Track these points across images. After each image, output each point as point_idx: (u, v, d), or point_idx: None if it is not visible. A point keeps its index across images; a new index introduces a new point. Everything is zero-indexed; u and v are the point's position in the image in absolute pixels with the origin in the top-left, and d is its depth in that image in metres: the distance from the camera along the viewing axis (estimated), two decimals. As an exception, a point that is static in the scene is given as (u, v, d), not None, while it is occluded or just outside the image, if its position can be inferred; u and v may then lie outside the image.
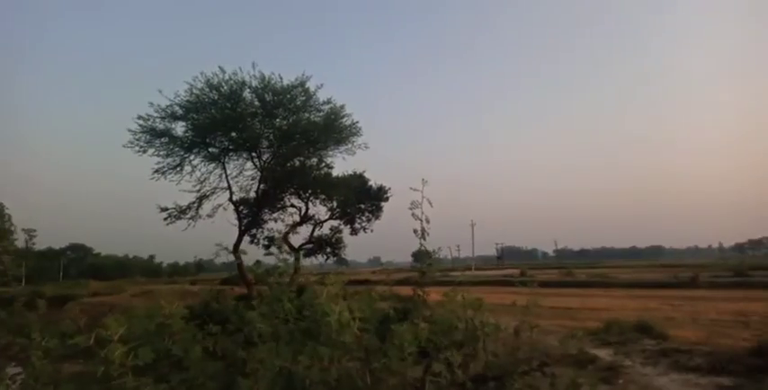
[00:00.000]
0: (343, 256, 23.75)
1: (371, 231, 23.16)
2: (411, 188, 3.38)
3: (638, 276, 41.63)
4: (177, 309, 3.34)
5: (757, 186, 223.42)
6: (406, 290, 3.98)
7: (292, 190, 21.50)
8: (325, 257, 23.66)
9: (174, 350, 3.16)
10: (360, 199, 22.53)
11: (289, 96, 18.86)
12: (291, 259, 7.22)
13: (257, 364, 2.84)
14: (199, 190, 19.87)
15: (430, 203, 3.54)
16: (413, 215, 3.52)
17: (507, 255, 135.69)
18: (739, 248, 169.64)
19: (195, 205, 19.87)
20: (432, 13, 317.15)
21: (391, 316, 3.24)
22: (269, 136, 19.91)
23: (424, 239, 3.56)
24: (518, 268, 66.97)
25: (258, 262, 4.35)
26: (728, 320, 14.60)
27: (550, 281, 39.68)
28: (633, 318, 12.33)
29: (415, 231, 3.54)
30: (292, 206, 22.33)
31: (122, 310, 9.99)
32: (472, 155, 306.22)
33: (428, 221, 3.53)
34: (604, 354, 8.48)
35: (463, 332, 3.19)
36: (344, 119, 19.84)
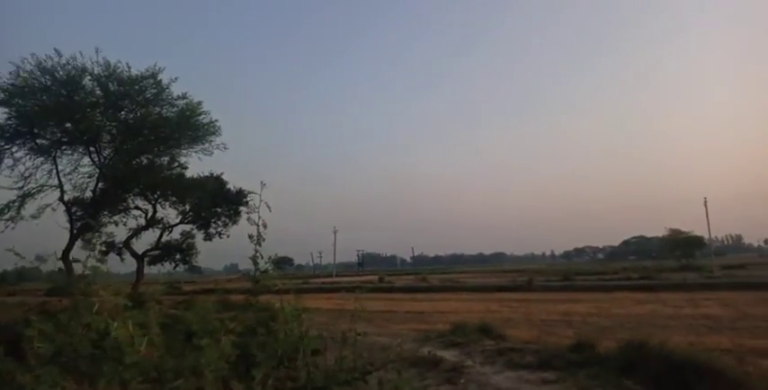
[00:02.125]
0: (194, 263, 22.26)
1: (228, 236, 22.00)
2: (249, 191, 3.21)
3: (483, 280, 45.07)
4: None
5: (579, 200, 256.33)
6: (263, 298, 3.77)
7: (138, 190, 19.63)
8: (173, 264, 21.98)
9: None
10: (216, 202, 21.29)
11: (137, 87, 17.21)
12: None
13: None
14: (21, 188, 17.36)
15: (269, 207, 3.39)
16: (248, 219, 3.35)
17: (368, 262, 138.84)
18: (567, 255, 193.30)
19: (16, 204, 17.28)
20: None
21: (197, 331, 2.90)
22: (111, 129, 17.98)
23: (259, 245, 3.38)
24: (377, 274, 68.70)
25: (93, 269, 3.80)
26: (556, 320, 16.36)
27: (407, 286, 41.36)
28: (477, 320, 13.18)
29: (250, 236, 3.36)
30: (137, 208, 20.50)
31: None
32: (337, 161, 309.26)
33: (265, 226, 3.36)
34: (450, 355, 8.90)
35: (283, 344, 3.01)
36: (201, 117, 18.65)
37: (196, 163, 20.19)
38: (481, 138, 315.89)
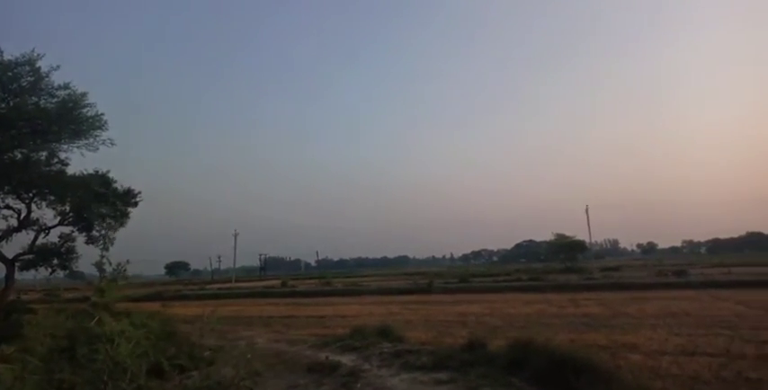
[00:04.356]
0: (75, 268, 20.22)
1: (113, 240, 20.25)
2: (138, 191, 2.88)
3: (385, 283, 45.63)
4: None
5: (476, 207, 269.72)
6: (149, 306, 3.43)
7: (9, 188, 17.58)
8: (50, 270, 19.83)
9: None
10: (101, 202, 19.50)
11: (10, 74, 15.44)
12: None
13: None
14: None
15: (132, 203, 3.08)
16: (96, 221, 3.02)
17: (271, 266, 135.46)
18: (465, 258, 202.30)
19: None
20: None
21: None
22: (-22, 120, 15.99)
23: (107, 250, 3.06)
24: (280, 278, 67.18)
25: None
26: (453, 320, 16.90)
27: (309, 291, 40.82)
28: (377, 323, 13.25)
29: (95, 239, 3.03)
30: (8, 207, 18.31)
31: None
32: (239, 161, 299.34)
33: (113, 228, 3.05)
34: (348, 360, 8.82)
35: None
36: (86, 110, 16.99)
37: (80, 160, 18.34)
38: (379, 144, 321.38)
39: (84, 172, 19.11)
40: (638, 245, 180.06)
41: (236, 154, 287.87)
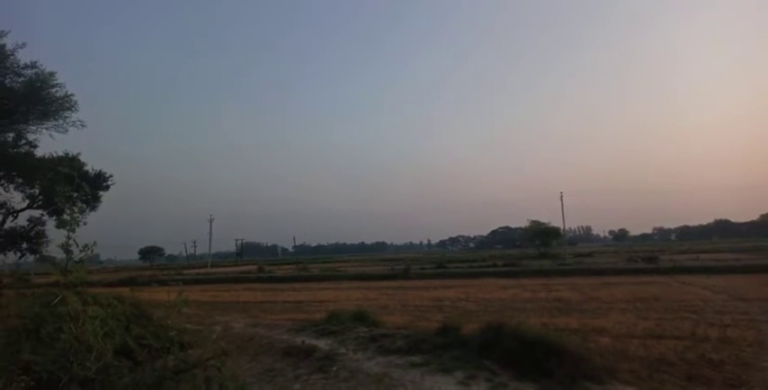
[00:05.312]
0: (44, 253, 19.74)
1: (85, 224, 19.79)
2: (110, 174, 2.82)
3: (363, 269, 45.89)
4: None
5: (453, 194, 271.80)
6: (122, 291, 3.39)
7: (-25, 170, 17.08)
8: (19, 254, 19.35)
9: None
10: (71, 185, 19.01)
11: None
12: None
13: None
14: None
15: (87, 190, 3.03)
16: (58, 200, 2.97)
17: (248, 251, 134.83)
18: (442, 244, 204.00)
19: None
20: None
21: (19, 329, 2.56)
22: (-58, 99, 15.39)
23: (73, 231, 2.99)
24: (256, 264, 66.96)
25: None
26: (429, 305, 17.11)
27: (287, 276, 40.80)
28: (354, 308, 13.32)
29: (63, 221, 2.97)
30: (-26, 190, 17.77)
31: None
32: (215, 146, 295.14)
33: (81, 210, 3.00)
34: (324, 344, 8.87)
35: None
36: (54, 90, 16.42)
37: (49, 142, 17.81)
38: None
39: (54, 155, 18.58)
40: (611, 232, 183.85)
41: (210, 138, 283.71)
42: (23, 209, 18.98)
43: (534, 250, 66.01)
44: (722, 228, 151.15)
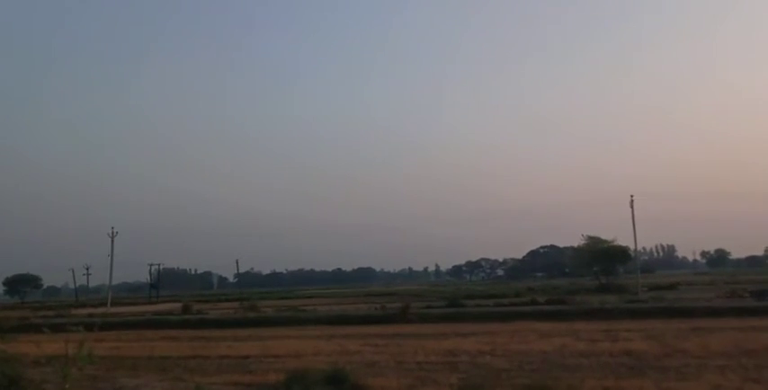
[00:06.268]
0: None
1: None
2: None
3: (340, 308, 45.81)
4: None
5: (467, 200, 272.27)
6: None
7: None
8: None
9: None
10: None
11: None
12: None
13: None
14: None
15: None
16: None
17: (169, 282, 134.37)
18: (456, 271, 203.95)
19: None
20: None
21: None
22: None
23: None
24: (181, 301, 66.77)
25: None
26: (437, 362, 17.13)
27: (225, 319, 40.61)
28: (326, 366, 13.30)
29: None
30: None
31: None
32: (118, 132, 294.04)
33: None
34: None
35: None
36: None
37: None
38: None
39: None
40: (703, 254, 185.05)
41: (114, 114, 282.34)
42: None
43: (592, 280, 66.16)
44: None
